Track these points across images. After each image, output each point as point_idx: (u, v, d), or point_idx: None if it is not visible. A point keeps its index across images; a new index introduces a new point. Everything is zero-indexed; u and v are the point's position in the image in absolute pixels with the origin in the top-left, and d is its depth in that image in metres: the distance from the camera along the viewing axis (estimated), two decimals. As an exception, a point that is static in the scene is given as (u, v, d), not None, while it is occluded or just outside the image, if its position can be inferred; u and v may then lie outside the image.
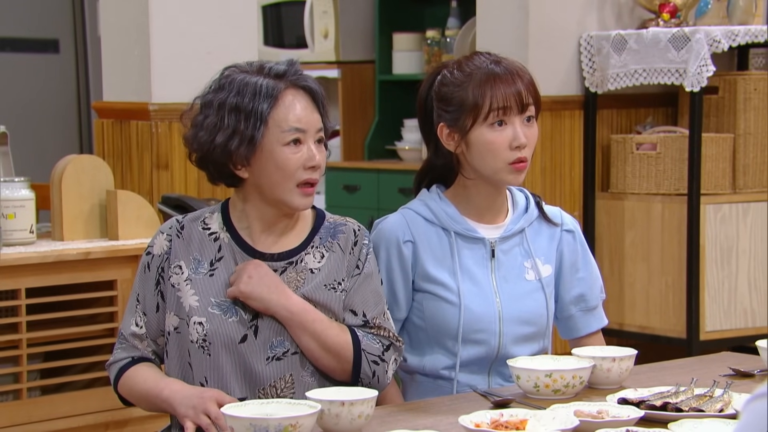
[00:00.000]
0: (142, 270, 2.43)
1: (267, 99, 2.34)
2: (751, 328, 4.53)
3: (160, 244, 2.42)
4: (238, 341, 2.34)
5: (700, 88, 4.38)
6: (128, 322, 2.43)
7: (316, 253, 2.42)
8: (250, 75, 2.37)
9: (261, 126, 2.33)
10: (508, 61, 2.56)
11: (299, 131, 2.35)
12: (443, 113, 2.55)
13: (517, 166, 2.52)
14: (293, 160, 2.34)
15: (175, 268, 2.39)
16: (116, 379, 2.42)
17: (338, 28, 5.87)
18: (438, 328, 2.56)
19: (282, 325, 2.35)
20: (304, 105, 2.37)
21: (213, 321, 2.35)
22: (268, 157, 2.34)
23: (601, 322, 2.71)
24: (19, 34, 5.95)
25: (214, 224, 2.43)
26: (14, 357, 3.47)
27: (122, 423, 3.62)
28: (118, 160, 4.11)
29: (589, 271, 2.67)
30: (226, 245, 2.40)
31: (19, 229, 3.58)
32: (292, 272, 2.39)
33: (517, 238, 2.61)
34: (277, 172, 2.34)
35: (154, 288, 2.41)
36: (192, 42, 4.10)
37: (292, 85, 2.37)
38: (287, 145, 2.34)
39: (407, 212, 2.61)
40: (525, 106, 2.52)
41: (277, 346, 2.36)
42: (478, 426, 2.06)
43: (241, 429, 2.00)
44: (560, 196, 4.68)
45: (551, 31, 4.66)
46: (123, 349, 2.43)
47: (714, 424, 2.08)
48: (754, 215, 4.57)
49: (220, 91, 2.37)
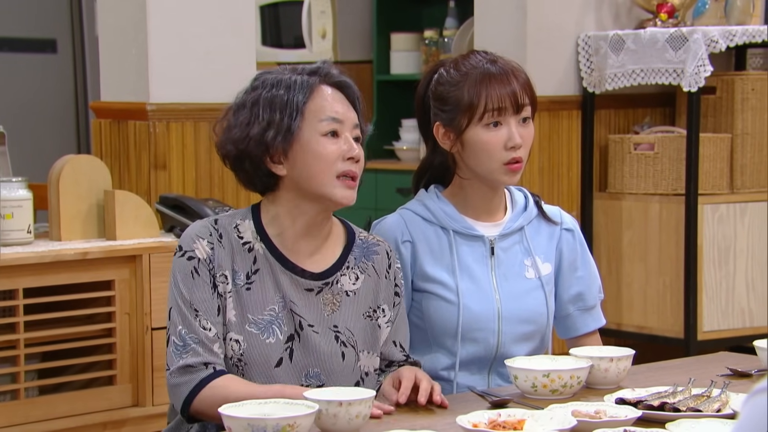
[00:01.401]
0: (189, 275, 2.29)
1: (302, 90, 2.30)
2: (749, 328, 4.53)
3: (202, 248, 2.30)
4: (273, 365, 2.30)
5: (697, 88, 4.38)
6: (192, 328, 2.27)
7: (351, 274, 2.39)
8: (282, 74, 2.33)
9: (297, 116, 2.28)
10: (504, 60, 2.55)
11: (336, 121, 2.30)
12: (439, 112, 2.55)
13: (512, 167, 2.52)
14: (332, 150, 2.29)
15: (221, 277, 2.30)
16: (195, 388, 2.26)
17: (336, 28, 5.87)
18: (437, 328, 2.56)
19: (317, 353, 2.32)
20: (340, 99, 2.33)
21: (249, 340, 2.30)
22: (305, 148, 2.29)
23: (599, 321, 2.71)
24: (17, 33, 5.94)
25: (247, 232, 2.34)
26: (12, 357, 3.46)
27: (120, 423, 3.61)
28: (116, 160, 4.10)
29: (588, 271, 2.67)
30: (261, 257, 2.33)
31: (16, 229, 3.58)
32: (328, 294, 2.36)
33: (517, 236, 2.61)
34: (316, 163, 2.29)
35: (211, 291, 2.29)
36: (190, 42, 4.10)
37: (326, 80, 2.33)
38: (325, 136, 2.29)
39: (405, 212, 2.61)
40: (520, 107, 2.52)
41: (313, 377, 2.33)
42: (476, 426, 2.06)
43: (239, 429, 1.99)
44: (558, 196, 4.68)
45: (549, 31, 4.66)
46: (192, 354, 2.26)
47: (711, 424, 2.08)
48: (751, 215, 4.57)
49: (253, 91, 2.33)
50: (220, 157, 2.38)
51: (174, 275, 2.32)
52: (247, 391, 2.21)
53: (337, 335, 2.37)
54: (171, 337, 2.30)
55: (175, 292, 2.31)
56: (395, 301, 2.44)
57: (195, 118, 4.08)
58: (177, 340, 2.28)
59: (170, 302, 2.32)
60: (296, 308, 2.34)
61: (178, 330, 2.28)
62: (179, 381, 2.27)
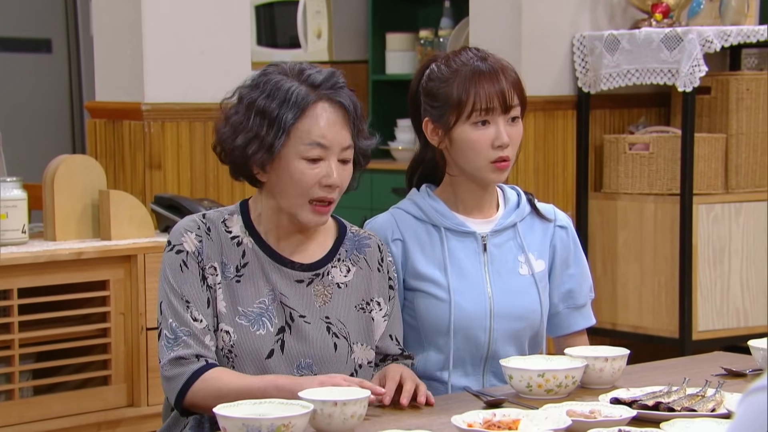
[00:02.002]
0: (178, 269, 2.31)
1: (294, 109, 2.28)
2: (744, 327, 4.53)
3: (190, 241, 2.32)
4: (264, 356, 2.31)
5: (692, 88, 4.38)
6: (183, 321, 2.28)
7: (342, 266, 2.40)
8: (287, 78, 2.31)
9: (282, 135, 2.28)
10: (495, 58, 2.55)
11: (321, 147, 2.29)
12: (429, 108, 2.56)
13: (499, 165, 2.52)
14: (309, 175, 2.29)
15: (210, 269, 2.32)
16: (188, 381, 2.26)
17: (331, 27, 5.87)
18: (429, 326, 2.56)
19: (309, 344, 2.33)
20: (332, 120, 2.31)
21: (240, 332, 2.31)
22: (284, 167, 2.30)
23: (588, 321, 2.70)
24: (11, 33, 5.94)
25: (235, 227, 2.36)
26: (6, 357, 3.46)
27: (115, 423, 3.61)
28: (111, 160, 4.10)
29: (580, 269, 2.67)
30: (251, 251, 2.35)
31: (11, 229, 3.57)
32: (318, 285, 2.37)
33: (510, 233, 2.61)
34: (291, 184, 2.30)
35: (200, 283, 2.31)
36: (185, 42, 4.10)
37: (325, 97, 2.31)
38: (306, 160, 2.29)
39: (396, 211, 2.61)
40: (509, 107, 2.52)
41: (305, 368, 2.34)
42: (471, 426, 2.06)
43: (234, 429, 1.99)
44: (553, 196, 4.68)
45: (544, 31, 4.66)
46: (183, 347, 2.27)
47: (706, 423, 2.09)
48: (746, 215, 4.58)
49: (255, 89, 2.32)
50: (213, 142, 2.39)
51: (164, 269, 2.34)
52: (240, 382, 2.23)
53: (329, 326, 2.37)
54: (162, 331, 2.31)
55: (165, 286, 2.32)
56: (390, 294, 2.45)
57: (190, 118, 4.08)
58: (168, 333, 2.30)
59: (160, 296, 2.34)
60: (287, 300, 2.35)
61: (168, 323, 2.30)
62: (172, 374, 2.28)
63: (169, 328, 2.30)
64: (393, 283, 2.46)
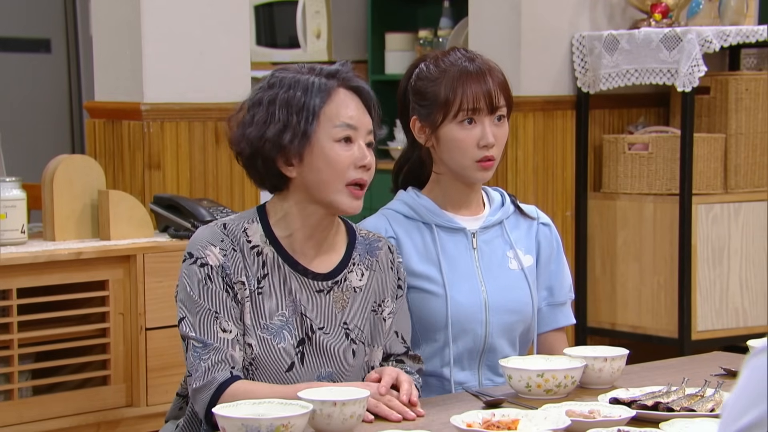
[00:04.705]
0: (203, 282, 2.25)
1: (319, 94, 2.29)
2: (743, 327, 4.54)
3: (214, 255, 2.27)
4: (284, 370, 2.30)
5: (691, 89, 4.38)
6: (210, 333, 2.24)
7: (357, 270, 2.40)
8: (300, 74, 2.32)
9: (313, 120, 2.27)
10: (483, 59, 2.60)
11: (351, 128, 2.30)
12: (416, 107, 2.60)
13: (484, 164, 2.57)
14: (344, 156, 2.29)
15: (239, 285, 2.28)
16: (216, 393, 2.22)
17: (331, 27, 5.87)
18: (426, 323, 2.58)
19: (328, 354, 2.32)
20: (356, 104, 2.33)
21: (262, 345, 2.28)
22: (319, 153, 2.28)
23: (569, 319, 2.74)
24: (11, 33, 5.94)
25: (255, 236, 2.32)
26: (5, 357, 3.46)
27: (114, 423, 3.61)
28: (110, 160, 4.10)
29: (560, 267, 2.72)
30: (271, 260, 2.31)
31: (10, 229, 3.57)
32: (338, 291, 2.36)
33: (497, 229, 2.65)
34: (328, 169, 2.29)
35: (227, 295, 2.26)
36: (184, 42, 4.10)
37: (345, 84, 2.33)
38: (338, 142, 2.29)
39: (387, 212, 2.65)
40: (495, 108, 2.55)
41: (325, 377, 2.33)
42: (470, 426, 2.06)
43: (233, 429, 1.99)
44: (552, 196, 4.69)
45: (543, 31, 4.66)
46: (212, 359, 2.23)
47: (705, 423, 2.09)
48: (745, 215, 4.58)
49: (270, 89, 2.31)
50: (234, 153, 2.36)
51: (185, 282, 2.28)
52: (271, 392, 2.19)
53: (347, 333, 2.37)
54: (190, 342, 2.26)
55: (186, 301, 2.27)
56: (398, 293, 2.45)
57: (189, 118, 4.07)
58: (196, 344, 2.25)
59: (182, 311, 2.28)
60: (306, 311, 2.33)
61: (196, 336, 2.25)
62: (198, 385, 2.24)
63: (197, 341, 2.25)
64: (402, 282, 2.47)
